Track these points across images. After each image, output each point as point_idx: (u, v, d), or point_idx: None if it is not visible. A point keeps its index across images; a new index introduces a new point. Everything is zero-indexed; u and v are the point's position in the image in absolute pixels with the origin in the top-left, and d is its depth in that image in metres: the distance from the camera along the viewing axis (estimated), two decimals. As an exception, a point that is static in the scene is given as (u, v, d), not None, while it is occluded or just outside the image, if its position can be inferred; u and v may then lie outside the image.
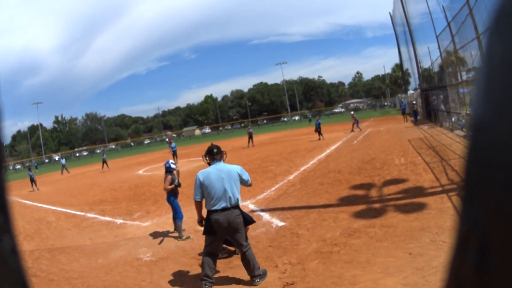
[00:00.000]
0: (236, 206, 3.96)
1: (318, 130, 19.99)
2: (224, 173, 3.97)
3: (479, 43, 9.08)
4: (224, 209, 3.88)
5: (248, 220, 4.15)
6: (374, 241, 4.52)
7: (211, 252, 3.99)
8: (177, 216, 5.98)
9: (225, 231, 3.94)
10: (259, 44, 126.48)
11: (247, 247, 3.96)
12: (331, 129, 25.61)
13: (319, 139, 19.47)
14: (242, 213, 4.04)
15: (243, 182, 4.07)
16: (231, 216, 3.88)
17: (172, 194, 6.04)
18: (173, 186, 6.00)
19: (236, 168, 4.08)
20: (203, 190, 3.98)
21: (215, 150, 4.13)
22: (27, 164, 52.82)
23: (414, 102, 21.46)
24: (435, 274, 3.26)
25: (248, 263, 3.90)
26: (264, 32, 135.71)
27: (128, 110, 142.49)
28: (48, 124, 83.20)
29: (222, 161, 4.17)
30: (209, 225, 3.94)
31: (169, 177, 6.05)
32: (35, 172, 22.93)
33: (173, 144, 20.96)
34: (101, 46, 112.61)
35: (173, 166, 6.19)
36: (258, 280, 3.86)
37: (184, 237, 5.86)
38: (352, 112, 27.17)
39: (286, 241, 5.08)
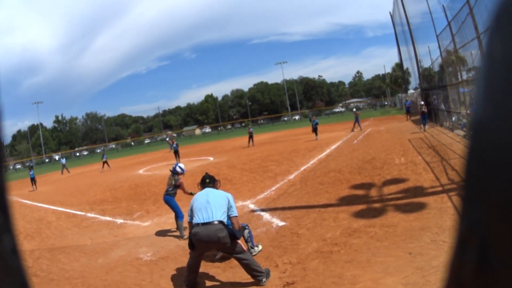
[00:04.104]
0: (220, 222, 3.80)
1: (314, 130, 20.06)
2: (211, 192, 4.06)
3: (480, 43, 9.08)
4: (205, 223, 3.77)
5: (231, 234, 3.79)
6: (374, 240, 4.52)
7: (191, 264, 3.96)
8: (178, 215, 6.03)
9: (204, 245, 3.82)
10: (259, 43, 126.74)
11: (242, 258, 3.81)
12: (331, 129, 25.61)
13: (316, 139, 19.53)
14: (226, 227, 3.81)
15: (229, 210, 3.96)
16: (212, 229, 3.73)
17: (172, 195, 6.10)
18: (189, 192, 6.02)
19: (227, 194, 4.09)
20: (192, 211, 4.00)
21: (207, 180, 4.29)
22: (27, 164, 52.84)
23: (422, 103, 18.32)
24: (435, 274, 3.26)
25: (245, 269, 3.86)
26: (264, 32, 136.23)
27: (128, 110, 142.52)
28: (48, 123, 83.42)
29: (214, 188, 4.27)
30: (189, 238, 3.93)
31: (182, 181, 6.07)
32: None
33: (175, 144, 21.13)
34: (101, 46, 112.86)
35: (181, 170, 6.22)
36: (265, 279, 3.82)
37: (185, 236, 5.86)
38: (354, 109, 26.90)
39: (286, 240, 5.09)
